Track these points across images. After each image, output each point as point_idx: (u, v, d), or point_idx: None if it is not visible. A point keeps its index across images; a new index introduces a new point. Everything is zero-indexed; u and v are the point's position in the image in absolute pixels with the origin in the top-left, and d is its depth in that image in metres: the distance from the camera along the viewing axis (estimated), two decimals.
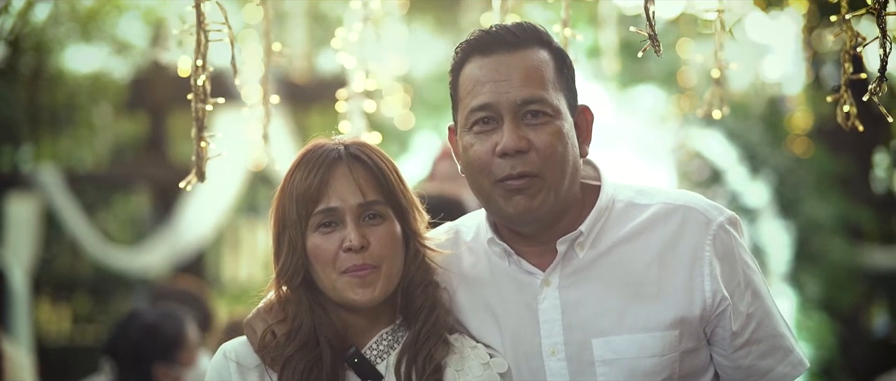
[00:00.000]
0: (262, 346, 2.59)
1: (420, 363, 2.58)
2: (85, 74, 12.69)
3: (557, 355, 2.64)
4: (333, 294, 2.59)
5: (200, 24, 2.75)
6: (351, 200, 2.58)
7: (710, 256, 2.64)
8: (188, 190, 2.99)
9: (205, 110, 2.79)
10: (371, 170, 2.61)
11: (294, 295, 2.61)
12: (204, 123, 2.78)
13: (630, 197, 2.73)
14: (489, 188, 2.63)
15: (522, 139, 2.59)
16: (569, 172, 2.64)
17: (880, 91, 2.55)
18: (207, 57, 2.76)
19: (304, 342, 2.57)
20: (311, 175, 2.58)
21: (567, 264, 2.67)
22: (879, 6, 2.49)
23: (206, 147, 2.78)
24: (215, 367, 2.62)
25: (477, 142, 2.63)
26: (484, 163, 2.62)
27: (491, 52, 2.64)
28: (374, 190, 2.60)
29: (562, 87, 2.67)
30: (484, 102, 2.61)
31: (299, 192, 2.58)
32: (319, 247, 2.58)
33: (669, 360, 2.62)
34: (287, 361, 2.56)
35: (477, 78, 2.63)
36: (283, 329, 2.61)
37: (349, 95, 3.74)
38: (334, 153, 2.61)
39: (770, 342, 2.70)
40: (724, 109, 3.26)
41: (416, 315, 2.63)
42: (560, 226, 2.67)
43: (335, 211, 2.58)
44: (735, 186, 9.16)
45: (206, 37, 2.75)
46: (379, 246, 2.58)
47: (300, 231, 2.59)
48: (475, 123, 2.63)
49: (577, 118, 2.70)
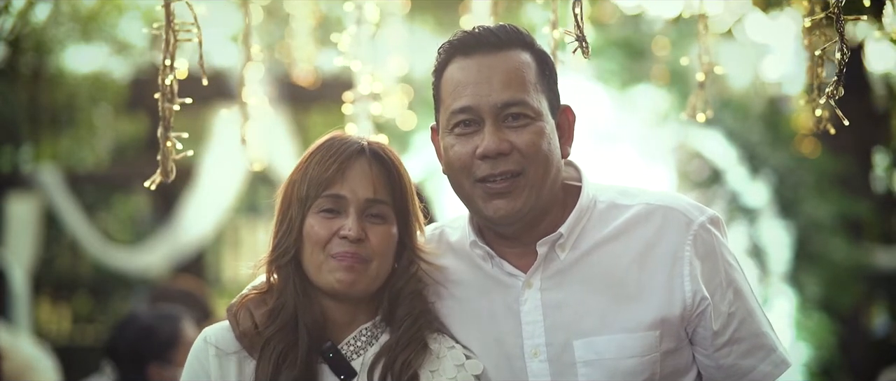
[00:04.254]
0: (243, 333, 2.62)
1: (397, 369, 2.60)
2: (85, 74, 12.69)
3: (539, 356, 2.66)
4: (317, 276, 2.61)
5: (169, 23, 2.76)
6: (361, 193, 2.62)
7: (690, 256, 2.65)
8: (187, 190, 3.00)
9: (172, 110, 2.80)
10: (388, 170, 2.66)
11: (282, 273, 2.64)
12: (170, 123, 2.80)
13: (611, 198, 2.74)
14: (469, 189, 2.65)
15: (503, 142, 2.61)
16: (552, 172, 2.65)
17: (836, 95, 2.54)
18: (176, 57, 2.79)
19: (285, 323, 2.60)
20: (332, 160, 2.62)
21: (548, 265, 2.68)
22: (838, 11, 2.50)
23: (172, 146, 2.79)
24: (195, 351, 2.66)
25: (458, 143, 2.65)
26: (464, 164, 2.64)
27: (473, 54, 2.66)
28: (385, 190, 2.64)
29: (543, 88, 2.67)
30: (464, 105, 2.64)
31: (314, 174, 2.62)
32: (314, 227, 2.61)
33: (650, 360, 2.63)
34: (266, 343, 2.59)
35: (458, 80, 2.66)
36: (260, 311, 2.64)
37: (355, 98, 3.75)
38: (357, 146, 2.66)
39: (752, 341, 2.71)
40: (708, 113, 3.26)
41: (400, 323, 2.65)
42: (541, 227, 2.68)
43: (342, 199, 2.61)
44: (735, 186, 9.15)
45: (176, 36, 2.77)
46: (375, 243, 2.61)
47: (301, 211, 2.62)
48: (456, 124, 2.66)
49: (559, 119, 2.72)
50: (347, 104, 3.78)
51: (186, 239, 11.10)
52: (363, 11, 3.65)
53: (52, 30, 11.72)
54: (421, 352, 2.63)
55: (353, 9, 3.71)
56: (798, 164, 9.48)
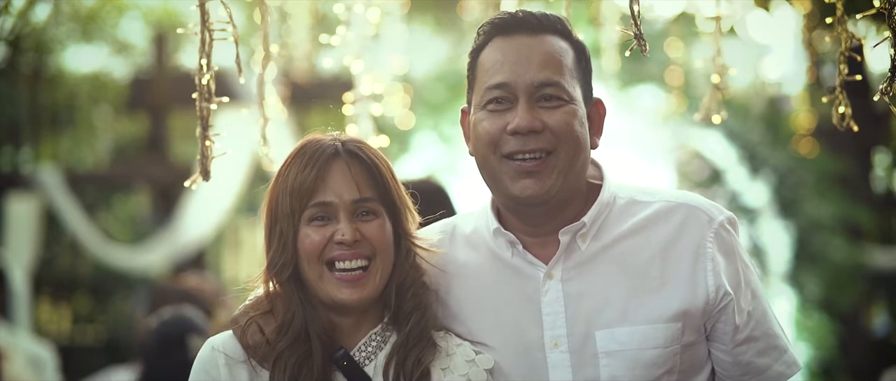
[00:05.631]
0: (250, 344, 2.57)
1: (409, 367, 2.58)
2: (85, 74, 12.71)
3: (560, 347, 2.66)
4: (318, 287, 2.58)
5: (205, 22, 2.75)
6: (346, 195, 2.59)
7: (713, 252, 2.67)
8: (190, 189, 2.99)
9: (209, 109, 2.79)
10: (368, 167, 2.62)
11: (285, 289, 2.61)
12: (208, 122, 2.78)
13: (631, 195, 2.76)
14: (496, 165, 2.65)
15: (536, 120, 2.62)
16: (581, 157, 2.67)
17: (890, 90, 2.55)
18: (212, 56, 2.77)
19: (296, 336, 2.56)
20: (308, 169, 2.59)
21: (570, 256, 2.69)
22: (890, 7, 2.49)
23: (210, 146, 2.78)
24: (203, 360, 2.60)
25: (488, 119, 2.66)
26: (492, 138, 2.64)
27: (512, 34, 2.68)
28: (369, 187, 2.61)
29: (578, 77, 2.71)
30: (500, 81, 2.65)
31: (295, 185, 2.59)
32: (309, 237, 2.57)
33: (672, 352, 2.64)
34: (278, 356, 2.55)
35: (496, 58, 2.67)
36: (269, 325, 2.59)
37: (356, 98, 3.74)
38: (331, 149, 2.62)
39: (766, 341, 2.74)
40: (722, 114, 3.27)
41: (407, 317, 2.63)
42: (563, 216, 2.69)
43: (329, 205, 2.58)
44: (735, 186, 9.16)
45: (211, 36, 2.76)
46: (373, 239, 2.59)
47: (292, 224, 2.59)
48: (490, 101, 2.66)
49: (591, 110, 2.74)
50: (347, 105, 3.77)
51: (186, 239, 11.10)
52: (364, 11, 3.65)
53: (53, 30, 11.73)
54: (431, 349, 2.61)
55: (352, 9, 3.71)
56: (798, 164, 9.48)
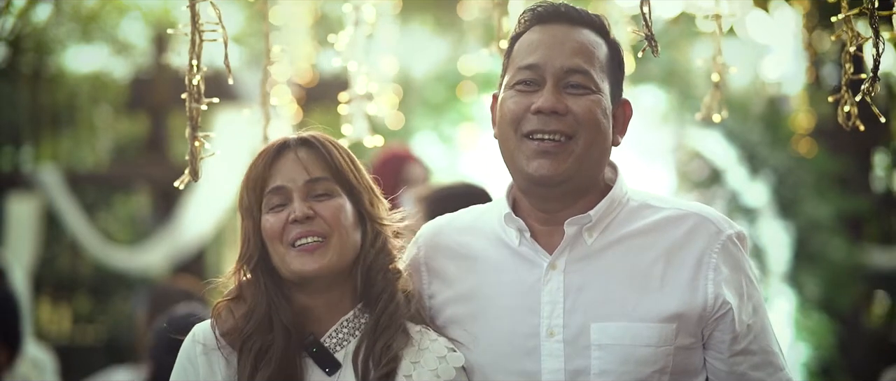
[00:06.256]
0: (226, 332, 2.67)
1: (377, 352, 2.64)
2: (85, 74, 12.71)
3: (555, 336, 2.69)
4: (285, 270, 2.67)
5: (195, 23, 2.76)
6: (298, 178, 2.68)
7: (718, 262, 2.70)
8: (187, 189, 3.01)
9: (199, 110, 2.82)
10: (317, 150, 2.71)
11: (252, 278, 2.71)
12: (198, 123, 2.82)
13: (644, 199, 2.81)
14: (515, 143, 2.70)
15: (560, 103, 2.67)
16: (599, 147, 2.73)
17: (873, 91, 2.56)
18: (202, 57, 2.79)
19: (259, 322, 2.66)
20: (261, 161, 2.71)
21: (575, 248, 2.73)
22: (872, 7, 2.50)
23: (200, 146, 2.82)
24: (184, 348, 2.72)
25: (514, 98, 2.71)
26: (515, 116, 2.70)
27: (551, 23, 2.75)
28: (320, 168, 2.70)
29: (609, 74, 2.76)
30: (532, 62, 2.70)
31: (250, 179, 2.71)
32: (268, 222, 2.68)
33: (664, 352, 2.67)
34: (245, 341, 2.65)
35: (531, 41, 2.73)
36: (240, 310, 2.70)
37: (350, 98, 3.75)
38: (282, 142, 2.74)
39: (763, 357, 2.76)
40: (723, 113, 3.28)
41: (377, 300, 2.70)
42: (575, 206, 2.74)
43: (283, 190, 2.68)
44: (735, 186, 9.16)
45: (201, 37, 2.77)
46: (327, 216, 2.66)
47: (254, 215, 2.70)
48: (519, 81, 2.72)
49: (617, 110, 2.81)
50: (343, 104, 3.78)
51: (186, 239, 11.12)
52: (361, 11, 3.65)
53: (53, 30, 11.74)
54: (402, 336, 2.67)
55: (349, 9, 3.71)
56: (797, 164, 9.48)
